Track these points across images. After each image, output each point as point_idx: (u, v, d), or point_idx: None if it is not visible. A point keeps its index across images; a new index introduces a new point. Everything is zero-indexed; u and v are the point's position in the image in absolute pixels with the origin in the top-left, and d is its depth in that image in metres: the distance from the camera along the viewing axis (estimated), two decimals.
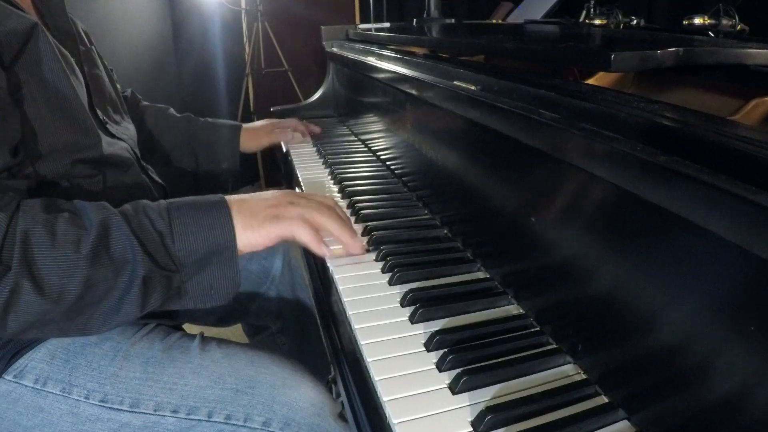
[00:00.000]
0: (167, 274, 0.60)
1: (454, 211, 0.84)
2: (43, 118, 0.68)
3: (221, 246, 0.62)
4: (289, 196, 0.71)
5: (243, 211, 0.65)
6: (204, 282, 0.62)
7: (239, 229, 0.64)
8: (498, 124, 0.65)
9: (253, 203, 0.67)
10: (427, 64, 0.92)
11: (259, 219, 0.66)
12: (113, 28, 2.38)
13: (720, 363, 0.37)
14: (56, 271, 0.54)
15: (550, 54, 0.72)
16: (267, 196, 0.70)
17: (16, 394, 0.64)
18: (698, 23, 0.79)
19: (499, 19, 1.85)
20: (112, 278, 0.57)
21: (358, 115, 1.44)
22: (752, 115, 0.57)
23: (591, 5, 1.13)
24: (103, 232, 0.58)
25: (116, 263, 0.57)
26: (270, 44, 2.89)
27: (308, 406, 0.65)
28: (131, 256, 0.58)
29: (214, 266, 0.62)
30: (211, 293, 0.63)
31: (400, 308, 0.65)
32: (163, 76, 2.98)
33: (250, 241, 0.65)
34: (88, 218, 0.58)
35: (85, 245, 0.56)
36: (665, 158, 0.40)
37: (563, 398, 0.50)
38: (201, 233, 0.62)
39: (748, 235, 0.33)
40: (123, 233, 0.58)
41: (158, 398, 0.65)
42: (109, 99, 0.89)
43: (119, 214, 0.60)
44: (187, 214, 0.62)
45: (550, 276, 0.59)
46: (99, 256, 0.56)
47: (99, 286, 0.56)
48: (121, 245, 0.58)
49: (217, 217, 0.63)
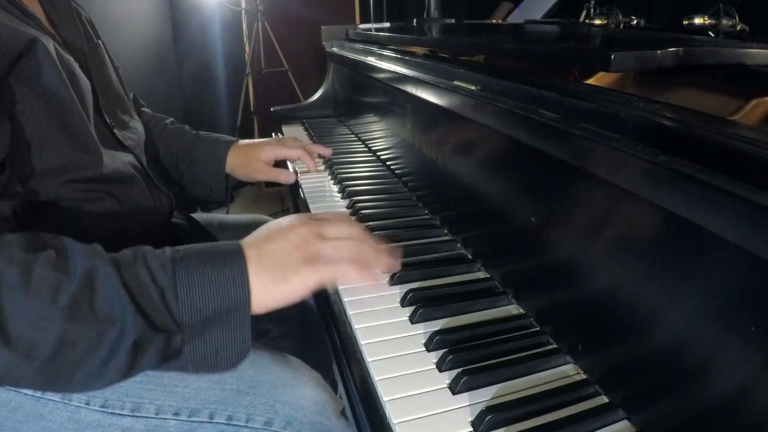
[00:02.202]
0: (166, 335, 0.52)
1: (454, 211, 0.84)
2: (42, 132, 0.65)
3: (232, 306, 0.54)
4: (310, 225, 0.61)
5: (266, 263, 0.56)
6: (208, 345, 0.54)
7: (268, 284, 0.55)
8: (498, 124, 0.65)
9: (276, 248, 0.58)
10: (427, 64, 0.92)
11: (289, 268, 0.56)
12: (113, 28, 2.38)
13: (720, 363, 0.37)
14: (27, 322, 0.46)
15: (550, 54, 0.72)
16: (287, 234, 0.59)
17: (16, 402, 0.63)
18: (698, 23, 0.79)
19: (499, 19, 1.85)
20: (94, 338, 0.49)
21: (358, 115, 1.44)
22: (752, 115, 0.57)
23: (591, 5, 1.13)
24: (88, 283, 0.49)
25: (100, 321, 0.49)
26: (270, 44, 2.90)
27: (310, 404, 0.64)
28: (120, 315, 0.50)
29: (223, 328, 0.54)
30: (216, 358, 0.54)
31: (400, 308, 0.65)
32: (163, 76, 2.99)
33: (285, 295, 0.56)
34: (74, 262, 0.50)
35: (63, 295, 0.48)
36: (665, 158, 0.40)
37: (563, 398, 0.50)
38: (210, 289, 0.53)
39: (748, 235, 0.33)
40: (112, 286, 0.50)
41: (159, 401, 0.64)
42: (116, 99, 0.88)
43: (112, 263, 0.52)
44: (195, 267, 0.54)
45: (550, 276, 0.59)
46: (79, 311, 0.48)
47: (77, 345, 0.48)
48: (108, 300, 0.50)
49: (230, 271, 0.54)
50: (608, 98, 0.53)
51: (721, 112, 0.52)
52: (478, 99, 0.70)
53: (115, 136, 0.81)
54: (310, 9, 3.07)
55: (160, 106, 2.87)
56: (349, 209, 0.95)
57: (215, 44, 3.18)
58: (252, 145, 1.08)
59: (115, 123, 0.83)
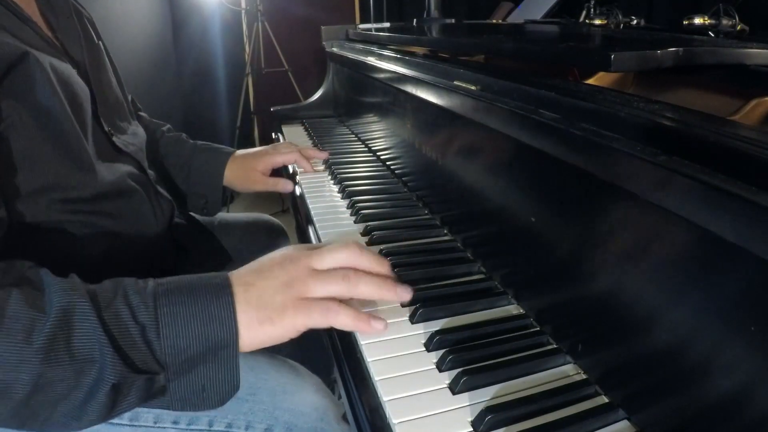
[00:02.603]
0: (148, 376, 0.49)
1: (454, 211, 0.84)
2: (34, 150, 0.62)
3: (219, 344, 0.51)
4: (303, 260, 0.56)
5: (252, 301, 0.53)
6: (194, 384, 0.51)
7: (254, 324, 0.52)
8: (498, 124, 0.65)
9: (264, 285, 0.54)
10: (427, 64, 0.92)
11: (277, 308, 0.53)
12: (113, 28, 2.38)
13: (720, 363, 0.37)
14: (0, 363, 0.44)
15: (550, 54, 0.72)
16: (277, 271, 0.55)
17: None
18: (698, 23, 0.79)
19: (499, 19, 1.85)
20: (72, 378, 0.46)
21: (358, 115, 1.44)
22: (752, 115, 0.57)
23: (591, 5, 1.13)
24: (64, 322, 0.47)
25: (77, 362, 0.46)
26: (270, 44, 2.90)
27: (311, 410, 0.64)
28: (98, 356, 0.47)
29: (209, 366, 0.51)
30: (203, 396, 0.51)
31: (400, 308, 0.64)
32: (163, 76, 2.99)
33: (269, 336, 0.53)
34: (50, 299, 0.47)
35: (38, 335, 0.45)
36: (665, 158, 0.40)
37: (563, 398, 0.50)
38: (194, 327, 0.50)
39: (748, 236, 0.33)
40: (89, 326, 0.47)
41: (157, 409, 0.62)
42: (114, 105, 0.86)
43: (89, 300, 0.49)
44: (179, 302, 0.50)
45: (550, 276, 0.59)
46: (55, 351, 0.46)
47: (55, 386, 0.46)
48: (86, 341, 0.47)
49: (217, 308, 0.51)
50: (608, 98, 0.53)
51: (721, 112, 0.52)
52: (478, 99, 0.70)
53: (114, 144, 0.80)
54: (310, 9, 3.07)
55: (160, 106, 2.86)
56: (349, 209, 0.95)
57: (215, 44, 3.18)
58: (248, 157, 1.08)
59: (114, 130, 0.82)
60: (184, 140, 1.08)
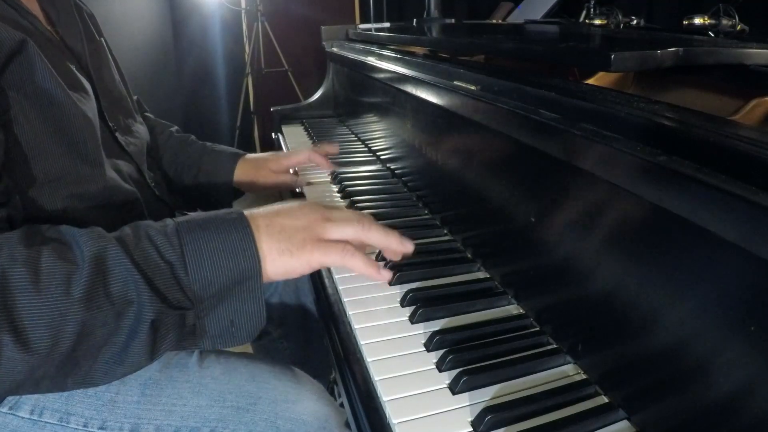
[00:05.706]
0: (181, 312, 0.51)
1: (454, 211, 0.84)
2: (39, 140, 0.62)
3: (244, 275, 0.53)
4: (320, 210, 0.61)
5: (273, 233, 0.56)
6: (223, 318, 0.53)
7: (273, 254, 0.55)
8: (498, 124, 0.65)
9: (284, 222, 0.57)
10: (427, 64, 0.92)
11: (296, 242, 0.56)
12: (113, 28, 2.38)
13: (720, 363, 0.37)
14: (43, 320, 0.45)
15: (550, 54, 0.72)
16: (295, 213, 0.59)
17: (13, 426, 0.61)
18: (698, 23, 0.79)
19: (499, 19, 1.85)
20: (113, 322, 0.48)
21: (358, 115, 1.44)
22: (752, 115, 0.57)
23: (591, 5, 1.13)
24: (99, 268, 0.48)
25: (117, 305, 0.48)
26: (270, 44, 2.90)
27: (312, 420, 0.63)
28: (135, 296, 0.49)
29: (235, 299, 0.53)
30: (232, 331, 0.54)
31: (400, 308, 0.64)
32: (163, 76, 2.99)
33: (286, 268, 0.56)
34: (80, 250, 0.49)
35: (77, 286, 0.46)
36: (665, 158, 0.40)
37: (563, 398, 0.50)
38: (220, 260, 0.52)
39: (749, 236, 0.33)
40: (123, 268, 0.49)
41: (158, 421, 0.62)
42: (118, 101, 0.85)
43: (117, 243, 0.50)
44: (202, 238, 0.52)
45: (550, 276, 0.59)
46: (95, 298, 0.47)
47: (96, 332, 0.47)
48: (122, 283, 0.48)
49: (238, 239, 0.53)
50: (608, 98, 0.53)
51: (721, 112, 0.52)
52: (478, 99, 0.69)
53: (117, 140, 0.80)
54: (310, 9, 3.08)
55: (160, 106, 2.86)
56: (349, 209, 0.95)
57: (215, 44, 3.18)
58: (260, 158, 1.07)
59: (118, 127, 0.81)
60: (194, 141, 1.08)
